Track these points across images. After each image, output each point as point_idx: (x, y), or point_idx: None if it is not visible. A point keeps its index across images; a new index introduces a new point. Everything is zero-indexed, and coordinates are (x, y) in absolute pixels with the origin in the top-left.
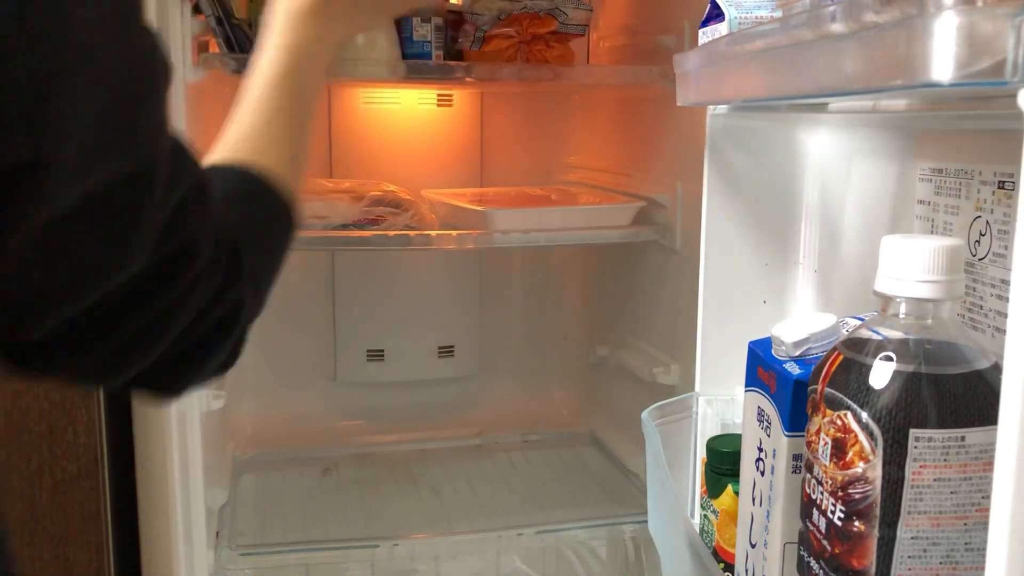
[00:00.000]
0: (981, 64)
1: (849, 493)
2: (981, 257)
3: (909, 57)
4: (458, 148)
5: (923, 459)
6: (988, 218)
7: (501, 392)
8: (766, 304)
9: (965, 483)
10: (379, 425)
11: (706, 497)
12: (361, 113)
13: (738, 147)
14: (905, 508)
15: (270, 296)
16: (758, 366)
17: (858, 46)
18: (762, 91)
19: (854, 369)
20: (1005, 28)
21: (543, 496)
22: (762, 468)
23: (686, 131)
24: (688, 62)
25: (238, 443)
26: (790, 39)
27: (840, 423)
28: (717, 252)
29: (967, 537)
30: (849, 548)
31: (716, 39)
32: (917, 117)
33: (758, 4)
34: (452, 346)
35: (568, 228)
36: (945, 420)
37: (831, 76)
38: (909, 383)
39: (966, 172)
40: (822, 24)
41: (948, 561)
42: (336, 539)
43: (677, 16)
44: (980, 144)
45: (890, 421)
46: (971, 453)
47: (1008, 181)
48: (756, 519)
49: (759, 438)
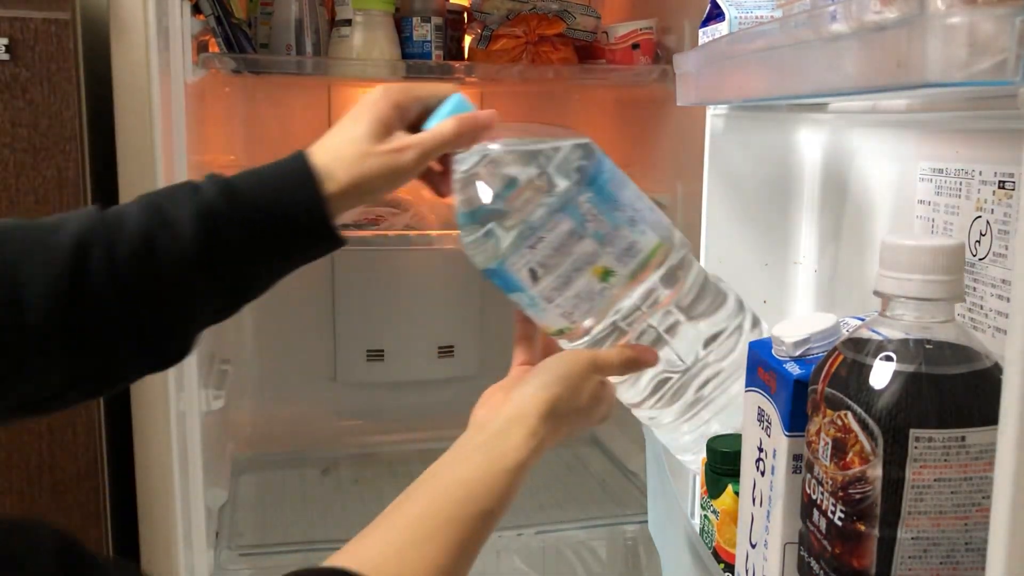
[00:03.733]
0: (981, 64)
1: (849, 493)
2: (982, 257)
3: (909, 57)
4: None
5: (923, 459)
6: (988, 218)
7: None
8: (766, 304)
9: (966, 483)
10: (379, 425)
11: (706, 497)
12: None
13: (738, 147)
14: (905, 508)
15: None
16: (758, 366)
17: (858, 46)
18: (762, 91)
19: (854, 369)
20: (1005, 28)
21: (543, 496)
22: (762, 468)
23: (686, 131)
24: (688, 62)
25: (238, 443)
26: (790, 39)
27: (840, 423)
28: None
29: (968, 537)
30: (849, 548)
31: (716, 39)
32: (917, 117)
33: (758, 4)
34: (452, 346)
35: None
36: (945, 420)
37: (831, 76)
38: (909, 383)
39: (966, 172)
40: (822, 24)
41: (949, 561)
42: (336, 539)
43: (677, 16)
44: (980, 144)
45: (890, 421)
46: (972, 453)
47: (1008, 181)
48: (756, 519)
49: (759, 438)
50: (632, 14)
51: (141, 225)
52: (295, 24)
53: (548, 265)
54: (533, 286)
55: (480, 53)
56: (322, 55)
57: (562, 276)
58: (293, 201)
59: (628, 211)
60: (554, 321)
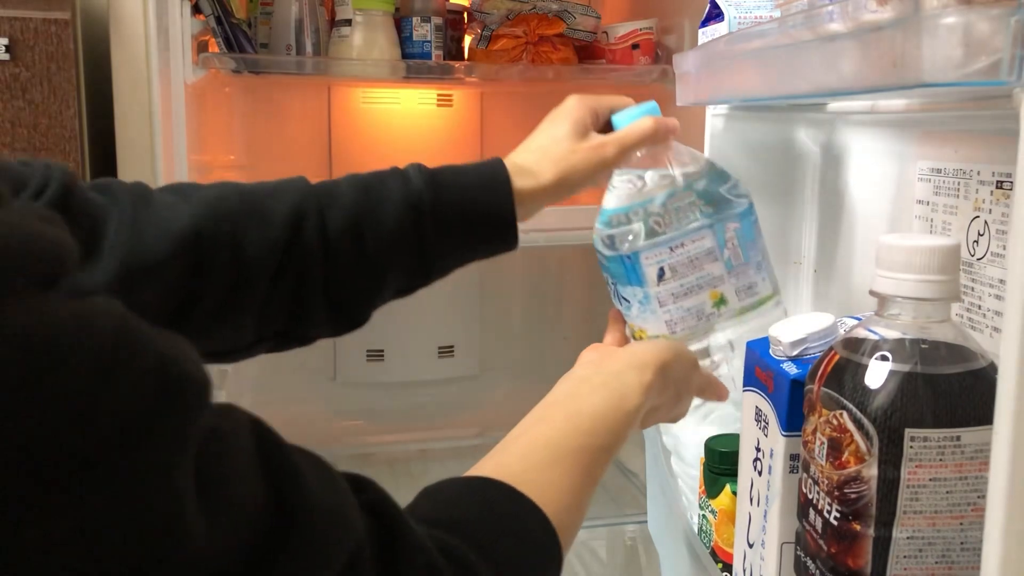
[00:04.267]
0: (977, 64)
1: (845, 493)
2: (980, 257)
3: (904, 57)
4: (458, 148)
5: (919, 459)
6: (986, 218)
7: (501, 392)
8: None
9: (961, 482)
10: (379, 425)
11: (705, 497)
12: (361, 113)
13: (737, 147)
14: (901, 508)
15: None
16: (756, 366)
17: (855, 46)
18: (760, 91)
19: (850, 369)
20: (1001, 28)
21: None
22: (760, 468)
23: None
24: (687, 62)
25: None
26: (788, 39)
27: (836, 423)
28: None
29: (963, 536)
30: (845, 548)
31: (715, 39)
32: (916, 117)
33: (757, 4)
34: (452, 346)
35: (568, 228)
36: (941, 420)
37: (828, 76)
38: (905, 383)
39: (964, 172)
40: (819, 24)
41: (944, 561)
42: None
43: (677, 16)
44: (979, 144)
45: (886, 421)
46: (967, 453)
47: (1006, 181)
48: (754, 519)
49: (757, 438)
50: (632, 14)
51: (353, 202)
52: (295, 24)
53: (677, 271)
54: (655, 285)
55: (480, 53)
56: (322, 55)
57: (684, 286)
58: (490, 203)
59: (759, 255)
60: (655, 326)
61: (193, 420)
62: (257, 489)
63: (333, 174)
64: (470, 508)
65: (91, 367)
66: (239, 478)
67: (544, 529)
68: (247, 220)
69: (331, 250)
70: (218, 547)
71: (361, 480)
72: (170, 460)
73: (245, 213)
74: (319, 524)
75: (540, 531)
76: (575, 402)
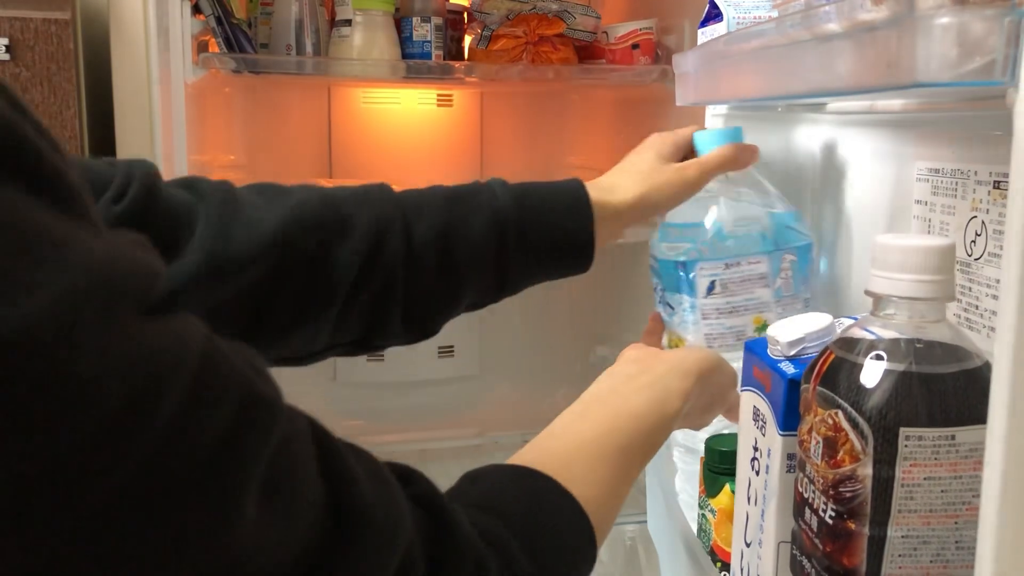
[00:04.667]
0: (971, 64)
1: (840, 492)
2: (977, 257)
3: (899, 57)
4: (458, 148)
5: (913, 458)
6: (984, 218)
7: (501, 392)
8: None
9: (955, 482)
10: (379, 425)
11: (704, 496)
12: (361, 113)
13: None
14: (895, 507)
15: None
16: (754, 365)
17: (851, 46)
18: (757, 91)
19: (845, 368)
20: (995, 28)
21: None
22: (757, 467)
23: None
24: (687, 62)
25: None
26: (785, 39)
27: (831, 422)
28: None
29: (958, 535)
30: (840, 547)
31: (714, 39)
32: (914, 118)
33: (756, 4)
34: (452, 346)
35: None
36: (935, 419)
37: (824, 76)
38: (900, 382)
39: (962, 172)
40: (816, 24)
41: (938, 559)
42: None
43: (677, 16)
44: (976, 144)
45: (880, 420)
46: (961, 452)
47: (1004, 181)
48: (751, 518)
49: (755, 437)
50: (632, 14)
51: (441, 215)
52: (295, 24)
53: (727, 288)
54: (703, 296)
55: (480, 53)
56: (322, 55)
57: (731, 304)
58: (572, 227)
59: (807, 292)
60: (694, 337)
61: (267, 441)
62: (317, 495)
63: (333, 174)
64: (518, 498)
65: (183, 393)
66: (302, 485)
67: (583, 526)
68: (330, 229)
69: (415, 262)
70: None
71: (409, 472)
72: (246, 477)
73: (329, 220)
74: (374, 527)
75: (579, 528)
76: (619, 400)
